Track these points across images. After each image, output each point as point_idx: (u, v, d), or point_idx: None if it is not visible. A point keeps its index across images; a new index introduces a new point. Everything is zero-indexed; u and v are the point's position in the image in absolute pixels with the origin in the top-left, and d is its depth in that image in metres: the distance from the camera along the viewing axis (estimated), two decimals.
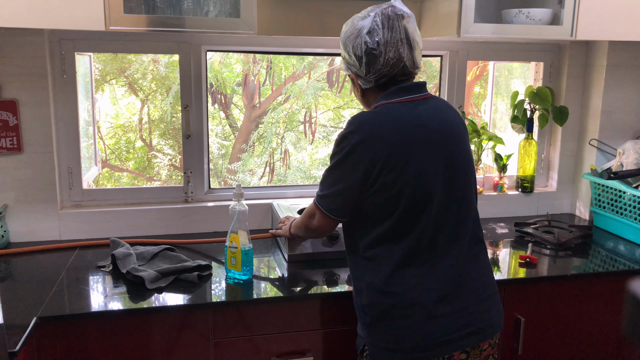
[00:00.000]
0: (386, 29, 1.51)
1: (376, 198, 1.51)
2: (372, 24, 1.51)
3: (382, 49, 1.51)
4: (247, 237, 1.85)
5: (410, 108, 1.54)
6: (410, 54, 1.53)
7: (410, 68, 1.55)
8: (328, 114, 6.99)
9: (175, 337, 1.72)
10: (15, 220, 2.18)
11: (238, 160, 6.35)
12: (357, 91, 1.65)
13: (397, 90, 1.56)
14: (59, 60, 2.17)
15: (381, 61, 1.52)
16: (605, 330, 2.09)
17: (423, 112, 1.54)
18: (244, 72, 6.32)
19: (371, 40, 1.51)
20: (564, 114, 2.56)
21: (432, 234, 1.52)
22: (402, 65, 1.53)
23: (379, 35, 1.50)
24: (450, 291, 1.53)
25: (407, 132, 1.50)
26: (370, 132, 1.49)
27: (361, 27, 1.53)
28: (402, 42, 1.52)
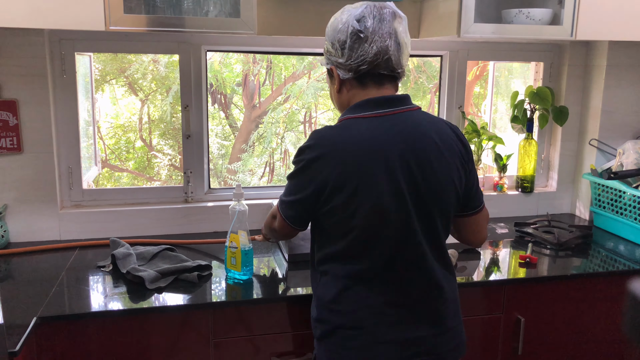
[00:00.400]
0: (376, 20, 1.44)
1: (329, 217, 1.46)
2: (363, 12, 1.45)
3: (369, 35, 1.43)
4: (247, 237, 1.85)
5: (376, 124, 1.44)
6: (397, 51, 1.46)
7: (394, 64, 1.47)
8: (328, 114, 6.99)
9: (175, 337, 1.72)
10: (15, 220, 2.18)
11: (238, 160, 6.35)
12: (334, 86, 1.54)
13: (365, 104, 1.47)
14: (59, 60, 2.17)
15: (365, 47, 1.44)
16: (605, 330, 2.09)
17: (390, 129, 1.44)
18: (244, 72, 6.32)
19: (359, 25, 1.44)
20: (564, 114, 2.56)
21: (388, 258, 1.45)
22: (387, 57, 1.45)
23: (367, 22, 1.44)
24: (403, 317, 1.47)
25: (365, 152, 1.41)
26: (327, 150, 1.42)
27: (350, 14, 1.46)
28: (391, 36, 1.45)
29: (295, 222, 1.55)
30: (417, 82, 6.54)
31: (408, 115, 1.48)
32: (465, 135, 2.54)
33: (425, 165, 1.44)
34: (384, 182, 1.40)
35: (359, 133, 1.43)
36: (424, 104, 6.58)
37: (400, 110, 1.48)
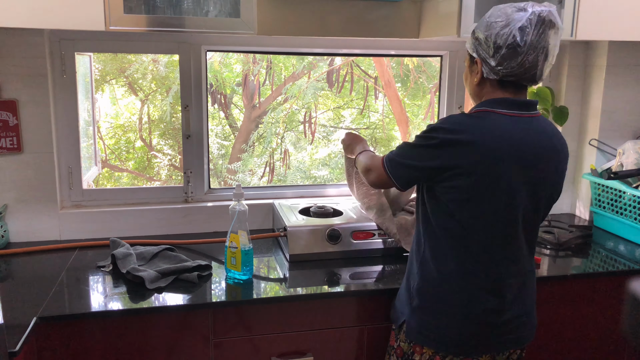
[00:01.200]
0: (536, 32, 1.45)
1: (448, 193, 1.53)
2: (526, 21, 1.45)
3: (525, 49, 1.46)
4: (247, 237, 1.85)
5: (510, 122, 1.52)
6: (543, 64, 1.50)
7: (538, 78, 1.53)
8: (328, 114, 6.99)
9: (175, 337, 1.72)
10: (15, 220, 2.18)
11: (238, 160, 6.35)
12: (475, 76, 1.58)
13: (502, 102, 1.53)
14: (59, 60, 2.17)
15: (519, 60, 1.47)
16: (605, 330, 2.09)
17: (523, 131, 1.52)
18: (244, 72, 6.32)
19: (520, 36, 1.45)
20: (564, 114, 2.56)
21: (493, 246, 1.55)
22: (534, 72, 1.50)
23: (528, 35, 1.45)
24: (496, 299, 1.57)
25: (499, 146, 1.48)
26: (462, 136, 1.49)
27: (514, 18, 1.46)
28: (543, 50, 1.48)
29: (402, 182, 1.63)
30: (417, 82, 6.54)
31: (536, 120, 1.56)
32: None
33: (549, 172, 1.56)
34: (513, 179, 1.50)
35: (496, 126, 1.51)
36: (424, 104, 6.59)
37: (531, 114, 1.56)
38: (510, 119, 1.52)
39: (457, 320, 1.57)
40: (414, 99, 6.68)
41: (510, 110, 1.53)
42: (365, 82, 6.58)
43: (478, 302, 1.56)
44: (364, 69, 6.61)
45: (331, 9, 2.23)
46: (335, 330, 1.84)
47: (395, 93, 6.29)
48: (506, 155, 1.48)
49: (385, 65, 6.21)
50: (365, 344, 1.87)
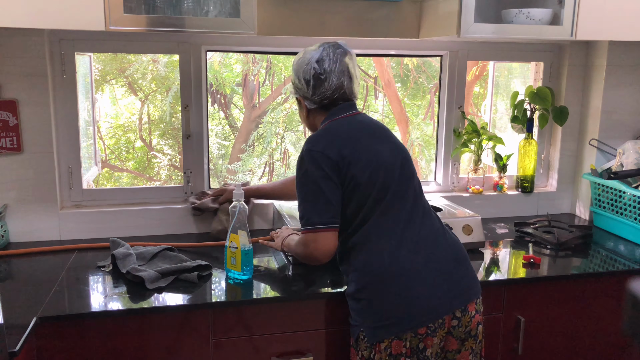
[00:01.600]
0: (332, 60, 1.75)
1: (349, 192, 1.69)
2: (322, 54, 1.76)
3: (328, 75, 1.75)
4: (247, 237, 1.85)
5: (351, 119, 1.79)
6: (349, 84, 1.79)
7: (348, 95, 1.80)
8: None
9: (175, 337, 1.72)
10: (15, 220, 2.18)
11: (238, 161, 6.34)
12: (303, 112, 1.87)
13: (337, 111, 1.80)
14: (59, 60, 2.17)
15: (326, 85, 1.76)
16: (605, 330, 2.09)
17: (361, 122, 1.80)
18: (244, 72, 6.32)
19: (319, 67, 1.75)
20: (564, 114, 2.56)
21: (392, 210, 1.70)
22: (342, 91, 1.78)
23: (325, 64, 1.75)
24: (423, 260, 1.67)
25: (358, 134, 1.75)
26: (325, 144, 1.69)
27: (311, 56, 1.77)
28: (344, 73, 1.77)
29: (334, 221, 1.70)
30: (417, 82, 6.54)
31: (362, 115, 1.84)
32: (465, 135, 2.56)
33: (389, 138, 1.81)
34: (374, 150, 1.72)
35: (345, 125, 1.77)
36: (424, 104, 6.58)
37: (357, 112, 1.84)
38: (348, 119, 1.79)
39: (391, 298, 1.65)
40: (413, 98, 6.68)
41: (345, 114, 1.80)
42: (365, 82, 6.58)
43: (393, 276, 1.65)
44: (364, 69, 6.60)
45: (331, 9, 2.23)
46: (335, 330, 1.84)
47: (395, 93, 6.29)
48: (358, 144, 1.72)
49: (385, 65, 6.21)
50: None
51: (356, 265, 1.70)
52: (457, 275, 1.70)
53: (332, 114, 1.81)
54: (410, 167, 1.80)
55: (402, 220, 1.70)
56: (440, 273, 1.67)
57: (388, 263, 1.65)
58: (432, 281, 1.65)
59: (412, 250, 1.67)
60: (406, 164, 1.78)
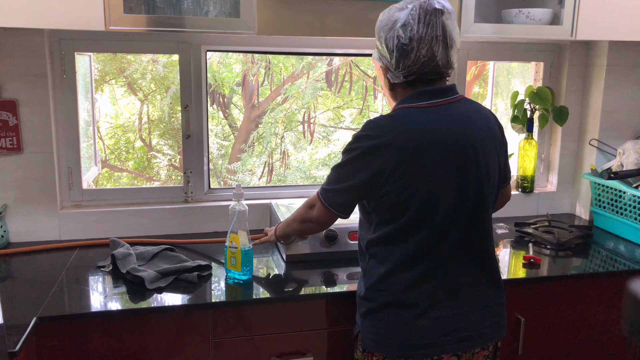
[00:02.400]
0: (422, 24, 1.44)
1: (382, 202, 1.51)
2: (408, 17, 1.45)
3: (415, 45, 1.45)
4: (247, 237, 1.85)
5: (429, 114, 1.50)
6: (444, 52, 1.48)
7: (442, 67, 1.50)
8: (328, 114, 6.98)
9: (175, 337, 1.72)
10: (15, 220, 2.18)
11: (238, 160, 6.34)
12: (386, 84, 1.60)
13: (419, 94, 1.52)
14: (59, 60, 2.17)
15: (412, 58, 1.46)
16: (605, 330, 2.09)
17: (442, 119, 1.49)
18: (243, 72, 6.32)
19: (404, 34, 1.45)
20: (564, 114, 2.56)
21: (435, 242, 1.51)
22: (434, 64, 1.48)
23: (413, 30, 1.44)
24: (445, 297, 1.53)
25: (420, 141, 1.46)
26: (383, 139, 1.47)
27: (396, 18, 1.47)
28: (438, 39, 1.45)
29: (341, 209, 1.62)
30: None
31: (457, 104, 1.54)
32: None
33: (478, 153, 1.51)
34: (437, 168, 1.46)
35: (415, 121, 1.49)
36: None
37: (451, 100, 1.53)
38: (427, 110, 1.51)
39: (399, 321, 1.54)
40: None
41: (427, 102, 1.51)
42: (365, 82, 6.58)
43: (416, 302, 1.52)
44: (363, 69, 6.60)
45: (331, 9, 2.23)
46: (336, 331, 1.84)
47: None
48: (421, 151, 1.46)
49: None
50: None
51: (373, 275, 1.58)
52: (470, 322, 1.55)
53: (413, 96, 1.52)
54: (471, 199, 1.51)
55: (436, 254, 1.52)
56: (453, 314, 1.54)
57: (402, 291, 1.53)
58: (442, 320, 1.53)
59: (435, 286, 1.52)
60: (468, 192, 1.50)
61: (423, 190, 1.46)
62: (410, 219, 1.49)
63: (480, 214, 1.55)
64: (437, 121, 1.49)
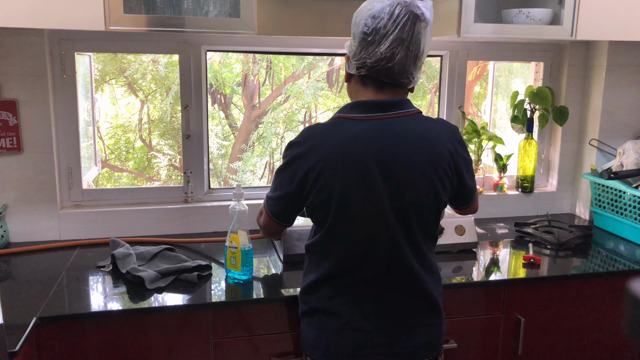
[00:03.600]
0: (393, 21, 1.36)
1: (310, 211, 1.52)
2: (382, 10, 1.37)
3: (377, 39, 1.38)
4: (247, 237, 1.85)
5: (360, 127, 1.43)
6: (404, 58, 1.39)
7: (397, 73, 1.41)
8: (328, 114, 6.98)
9: (175, 337, 1.72)
10: (15, 220, 2.18)
11: (238, 160, 6.34)
12: (345, 75, 1.53)
13: (357, 105, 1.46)
14: (59, 60, 2.17)
15: (369, 50, 1.39)
16: (605, 330, 2.09)
17: (370, 134, 1.42)
18: (244, 72, 6.32)
19: (371, 24, 1.38)
20: (564, 114, 2.56)
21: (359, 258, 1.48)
22: (389, 66, 1.40)
23: (380, 23, 1.37)
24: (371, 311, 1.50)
25: (343, 154, 1.41)
26: (310, 148, 1.44)
27: (372, 7, 1.40)
28: (402, 43, 1.37)
29: (280, 217, 1.61)
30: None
31: (399, 120, 1.45)
32: (465, 136, 2.55)
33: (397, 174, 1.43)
34: (358, 185, 1.42)
35: (342, 134, 1.43)
36: (424, 104, 6.58)
37: (390, 115, 1.45)
38: (358, 123, 1.44)
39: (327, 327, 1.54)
40: (413, 98, 6.68)
41: (361, 114, 1.45)
42: None
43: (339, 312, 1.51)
44: None
45: (331, 9, 2.23)
46: None
47: None
48: (342, 164, 1.41)
49: None
50: None
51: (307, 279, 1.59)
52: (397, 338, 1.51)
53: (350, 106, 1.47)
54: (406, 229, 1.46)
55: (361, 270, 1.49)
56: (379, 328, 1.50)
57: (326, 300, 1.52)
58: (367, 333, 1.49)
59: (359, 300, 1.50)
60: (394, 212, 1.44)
61: (336, 205, 1.43)
62: (330, 232, 1.48)
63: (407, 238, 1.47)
64: (362, 136, 1.42)
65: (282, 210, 1.58)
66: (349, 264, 1.49)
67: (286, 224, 1.63)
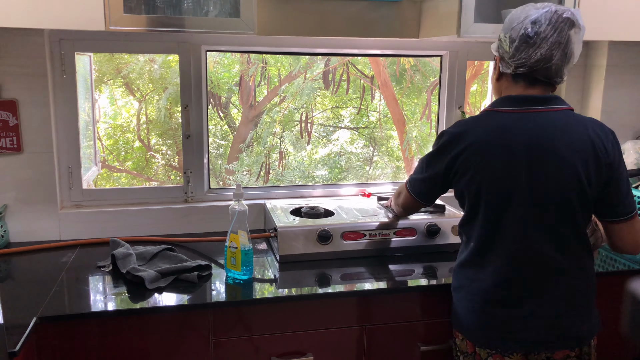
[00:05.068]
0: (551, 26, 1.50)
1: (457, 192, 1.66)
2: (541, 16, 1.50)
3: (537, 41, 1.50)
4: (247, 237, 1.85)
5: (508, 120, 1.57)
6: (561, 60, 1.52)
7: (553, 74, 1.55)
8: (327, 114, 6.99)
9: (175, 337, 1.72)
10: (15, 220, 2.18)
11: (236, 160, 6.35)
12: (495, 73, 1.66)
13: (507, 99, 1.60)
14: (59, 60, 2.17)
15: (529, 52, 1.52)
16: (605, 330, 2.09)
17: (518, 127, 1.55)
18: (241, 73, 6.33)
19: (532, 28, 1.51)
20: None
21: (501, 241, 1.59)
22: (547, 67, 1.53)
23: (541, 28, 1.50)
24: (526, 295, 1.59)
25: (489, 144, 1.56)
26: (461, 134, 1.60)
27: (529, 14, 1.52)
28: (560, 46, 1.51)
29: (423, 197, 1.81)
30: (412, 82, 6.54)
31: (544, 115, 1.56)
32: None
33: (548, 167, 1.53)
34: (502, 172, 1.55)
35: (490, 125, 1.59)
36: (421, 103, 6.59)
37: (538, 109, 1.57)
38: (513, 115, 1.57)
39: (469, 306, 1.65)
40: (409, 97, 6.69)
41: (515, 107, 1.58)
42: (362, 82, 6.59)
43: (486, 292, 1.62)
44: (360, 68, 6.61)
45: (331, 9, 2.23)
46: (335, 330, 1.84)
47: (392, 94, 6.30)
48: (495, 152, 1.55)
49: (382, 65, 6.21)
50: (365, 344, 1.87)
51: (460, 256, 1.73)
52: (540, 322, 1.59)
53: (510, 99, 1.60)
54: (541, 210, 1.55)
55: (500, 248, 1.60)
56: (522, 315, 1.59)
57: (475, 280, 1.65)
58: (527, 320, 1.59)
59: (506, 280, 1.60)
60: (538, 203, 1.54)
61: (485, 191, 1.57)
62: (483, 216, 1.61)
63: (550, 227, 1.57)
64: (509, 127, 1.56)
65: (427, 191, 1.78)
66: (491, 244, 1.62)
67: (427, 202, 1.82)
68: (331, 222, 2.11)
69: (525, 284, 1.58)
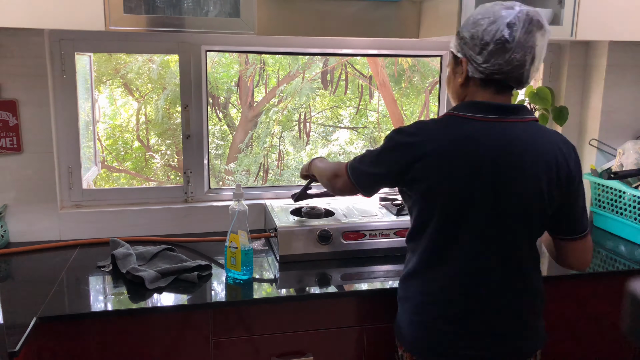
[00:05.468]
0: (524, 29, 1.41)
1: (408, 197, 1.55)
2: (515, 18, 1.41)
3: (514, 46, 1.41)
4: (247, 237, 1.85)
5: (477, 128, 1.47)
6: (530, 65, 1.45)
7: (524, 78, 1.47)
8: (326, 114, 6.99)
9: (175, 337, 1.72)
10: (15, 220, 2.17)
11: (235, 160, 6.35)
12: (460, 77, 1.53)
13: (476, 105, 1.49)
14: (59, 60, 2.17)
15: (506, 57, 1.42)
16: (605, 330, 2.09)
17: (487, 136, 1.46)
18: (240, 73, 6.33)
19: (509, 32, 1.40)
20: (564, 114, 2.55)
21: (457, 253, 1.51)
22: (521, 72, 1.45)
23: (517, 31, 1.41)
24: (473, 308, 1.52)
25: (455, 156, 1.45)
26: (422, 140, 1.48)
27: (502, 15, 1.42)
28: (531, 50, 1.43)
29: (366, 191, 1.66)
30: (411, 82, 6.54)
31: (512, 126, 1.48)
32: None
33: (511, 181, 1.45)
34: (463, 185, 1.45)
35: (454, 133, 1.47)
36: (419, 103, 6.59)
37: (507, 119, 1.48)
38: (479, 123, 1.47)
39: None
40: (408, 98, 6.69)
41: (481, 115, 1.48)
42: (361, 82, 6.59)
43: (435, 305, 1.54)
44: (359, 68, 6.61)
45: (331, 9, 2.23)
46: (335, 330, 1.84)
47: (391, 94, 6.30)
48: (458, 162, 1.45)
49: (380, 65, 6.21)
50: (365, 344, 1.87)
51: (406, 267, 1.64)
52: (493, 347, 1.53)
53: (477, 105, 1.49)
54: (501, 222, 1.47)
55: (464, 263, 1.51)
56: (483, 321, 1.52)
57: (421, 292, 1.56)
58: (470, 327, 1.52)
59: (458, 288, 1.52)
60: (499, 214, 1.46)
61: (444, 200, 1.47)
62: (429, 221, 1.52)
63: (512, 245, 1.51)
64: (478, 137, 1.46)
65: (370, 186, 1.64)
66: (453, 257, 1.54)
67: (369, 196, 1.69)
68: (331, 222, 2.11)
69: (474, 300, 1.51)
